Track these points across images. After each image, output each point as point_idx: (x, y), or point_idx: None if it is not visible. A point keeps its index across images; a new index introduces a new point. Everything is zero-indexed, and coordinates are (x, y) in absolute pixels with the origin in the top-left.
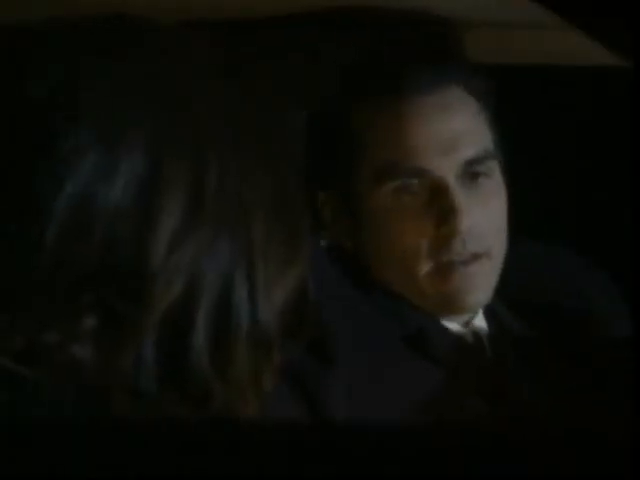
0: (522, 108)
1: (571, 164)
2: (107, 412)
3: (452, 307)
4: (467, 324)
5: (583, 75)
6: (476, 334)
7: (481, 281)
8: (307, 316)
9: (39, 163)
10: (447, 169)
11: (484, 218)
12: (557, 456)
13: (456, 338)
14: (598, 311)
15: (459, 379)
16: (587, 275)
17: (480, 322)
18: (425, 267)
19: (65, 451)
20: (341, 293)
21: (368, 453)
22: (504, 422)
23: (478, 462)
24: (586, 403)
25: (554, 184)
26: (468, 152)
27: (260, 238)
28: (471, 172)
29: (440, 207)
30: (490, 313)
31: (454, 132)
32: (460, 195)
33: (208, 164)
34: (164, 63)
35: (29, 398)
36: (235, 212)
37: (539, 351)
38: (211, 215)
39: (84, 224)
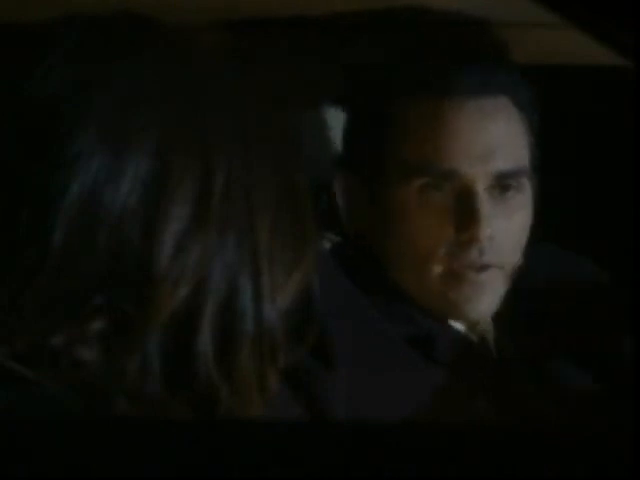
0: None
1: (571, 163)
2: (108, 412)
3: (456, 313)
4: (474, 327)
5: (583, 74)
6: (482, 337)
7: (489, 291)
8: (312, 318)
9: (45, 166)
10: (479, 177)
11: (506, 232)
12: (558, 456)
13: (462, 341)
14: (598, 311)
15: (463, 381)
16: (587, 275)
17: (487, 325)
18: (437, 269)
19: (65, 451)
20: (345, 293)
21: (368, 453)
22: (505, 423)
23: (478, 462)
24: (586, 403)
25: (554, 184)
26: (503, 164)
27: (266, 241)
28: (502, 184)
29: (464, 213)
30: (496, 316)
31: (493, 141)
32: (486, 204)
33: (215, 166)
34: (169, 64)
35: (31, 399)
36: (241, 215)
37: (543, 353)
38: (217, 218)
39: (91, 227)
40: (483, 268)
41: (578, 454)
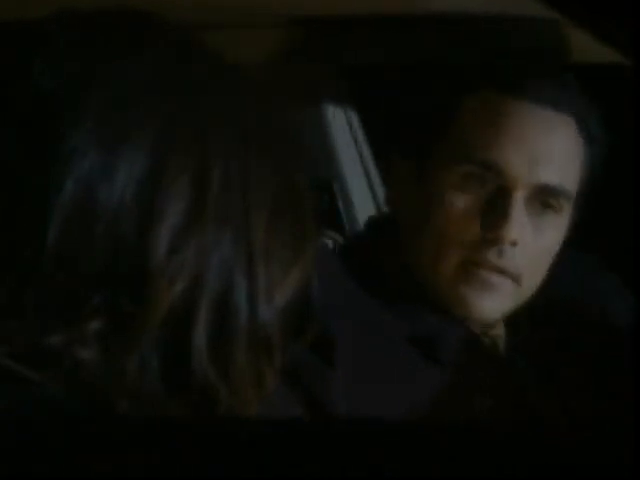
0: None
1: None
2: (108, 412)
3: (461, 307)
4: (486, 330)
5: (583, 73)
6: (493, 340)
7: (497, 296)
8: (311, 317)
9: (41, 164)
10: (521, 182)
11: (532, 246)
12: (558, 456)
13: (469, 342)
14: (606, 313)
15: (468, 382)
16: (594, 277)
17: (499, 330)
18: (455, 258)
19: (65, 451)
20: (346, 292)
21: (368, 453)
22: (505, 423)
23: (479, 462)
24: (588, 404)
25: None
26: (549, 179)
27: (262, 239)
28: (542, 200)
29: (496, 211)
30: (509, 322)
31: (546, 153)
32: (520, 212)
33: (212, 164)
34: (167, 62)
35: (31, 399)
36: (238, 212)
37: (553, 355)
38: (214, 215)
39: (87, 224)
40: (498, 270)
41: (578, 454)
